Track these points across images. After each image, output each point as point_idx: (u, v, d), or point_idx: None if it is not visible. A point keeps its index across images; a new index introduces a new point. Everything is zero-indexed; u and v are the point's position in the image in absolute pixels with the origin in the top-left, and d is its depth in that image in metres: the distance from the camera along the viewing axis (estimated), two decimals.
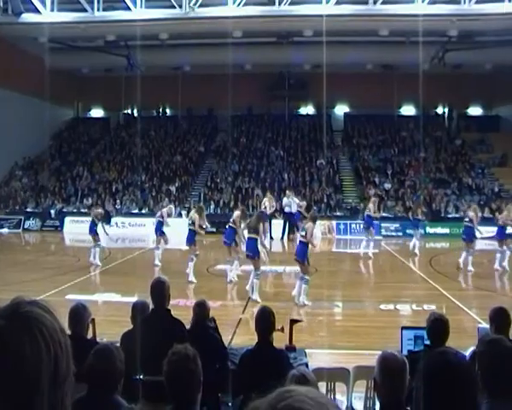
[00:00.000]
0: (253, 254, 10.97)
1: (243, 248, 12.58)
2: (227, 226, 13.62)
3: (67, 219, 25.82)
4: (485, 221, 19.83)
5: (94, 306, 10.50)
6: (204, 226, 13.68)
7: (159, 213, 16.07)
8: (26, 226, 25.84)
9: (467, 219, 14.98)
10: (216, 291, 12.04)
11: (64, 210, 26.79)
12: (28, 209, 26.97)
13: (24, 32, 24.52)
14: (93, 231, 15.53)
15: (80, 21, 22.96)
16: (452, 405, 1.95)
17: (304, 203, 22.05)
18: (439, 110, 34.59)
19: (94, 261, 15.21)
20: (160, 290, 4.88)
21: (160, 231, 15.40)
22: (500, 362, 2.36)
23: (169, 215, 16.02)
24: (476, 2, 21.32)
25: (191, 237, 13.26)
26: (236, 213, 13.41)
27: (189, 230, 13.33)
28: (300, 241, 10.93)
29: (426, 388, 1.98)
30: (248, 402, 0.91)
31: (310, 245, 10.81)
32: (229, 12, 21.74)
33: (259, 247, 11.30)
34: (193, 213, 13.66)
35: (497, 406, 2.30)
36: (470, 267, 14.39)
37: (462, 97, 32.54)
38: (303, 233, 10.87)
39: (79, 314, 4.48)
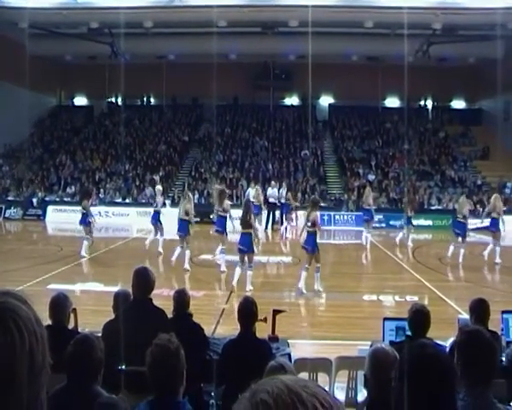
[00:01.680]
0: (248, 249, 10.91)
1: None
2: (217, 215, 13.51)
3: (50, 208, 25.56)
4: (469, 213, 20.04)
5: (76, 295, 10.43)
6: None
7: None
8: (6, 215, 25.52)
9: (460, 216, 14.95)
10: (200, 281, 12.03)
11: (46, 199, 26.51)
12: (9, 198, 26.63)
13: (4, 16, 24.08)
14: (85, 221, 15.36)
15: (63, 7, 22.64)
16: (431, 396, 1.97)
17: (289, 194, 22.13)
18: (423, 103, 34.79)
19: (82, 253, 15.09)
20: (142, 280, 4.84)
21: (157, 220, 15.38)
22: (478, 352, 2.38)
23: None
24: None
25: (186, 228, 13.18)
26: (226, 202, 13.35)
27: (183, 220, 13.19)
28: (308, 231, 10.90)
29: (405, 379, 1.99)
30: (232, 392, 0.90)
31: (318, 232, 10.83)
32: (214, 1, 21.61)
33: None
34: (185, 204, 13.48)
35: (473, 394, 2.33)
36: (461, 259, 14.53)
37: (446, 90, 32.77)
38: (309, 224, 10.86)
39: (60, 304, 4.43)
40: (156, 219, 15.56)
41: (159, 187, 17.00)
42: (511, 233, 22.64)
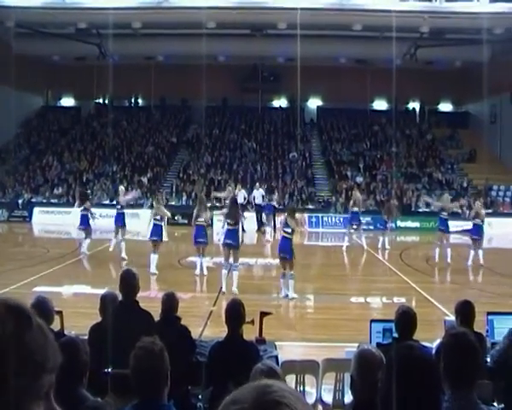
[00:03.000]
0: (236, 243, 10.89)
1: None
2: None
3: (36, 210, 25.34)
4: (455, 215, 20.17)
5: (63, 298, 10.36)
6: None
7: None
8: None
9: (444, 213, 15.13)
10: (187, 283, 11.99)
11: (33, 200, 26.28)
12: None
13: None
14: (86, 223, 15.24)
15: (50, 7, 22.46)
16: (416, 397, 1.98)
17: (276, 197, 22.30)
18: (411, 105, 35.01)
19: (83, 251, 15.07)
20: (128, 282, 4.83)
21: (123, 221, 15.25)
22: (462, 355, 2.40)
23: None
24: (447, 1, 21.65)
25: (160, 232, 13.03)
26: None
27: (158, 225, 13.01)
28: (284, 237, 10.82)
29: (391, 381, 2.00)
30: (219, 394, 0.90)
31: (293, 238, 10.82)
32: (203, 2, 21.59)
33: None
34: (160, 208, 13.33)
35: (458, 396, 2.34)
36: (448, 261, 14.62)
37: (433, 93, 33.03)
38: (288, 230, 10.78)
39: (42, 307, 4.40)
40: (121, 220, 15.34)
41: (122, 187, 16.89)
42: (498, 236, 22.91)
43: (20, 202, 26.07)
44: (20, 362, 1.00)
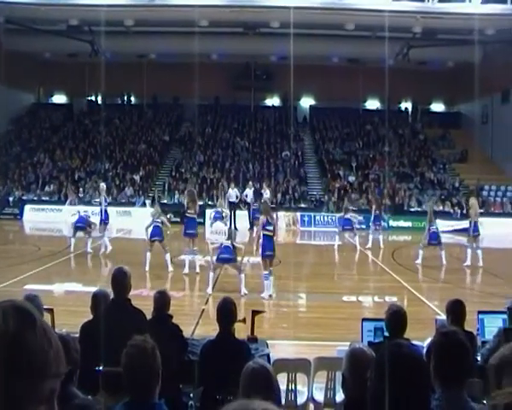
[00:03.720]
0: (234, 257, 10.87)
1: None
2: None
3: (27, 207, 25.21)
4: (446, 215, 20.33)
5: (54, 296, 10.31)
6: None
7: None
8: None
9: (433, 226, 15.07)
10: (179, 282, 11.97)
11: (24, 198, 26.13)
12: None
13: None
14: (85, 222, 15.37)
15: (41, 3, 22.31)
16: (405, 395, 1.98)
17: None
18: (403, 105, 35.13)
19: (89, 250, 15.22)
20: (120, 280, 4.81)
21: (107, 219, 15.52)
22: (452, 353, 2.41)
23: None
24: (440, 1, 21.73)
25: (161, 232, 13.14)
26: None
27: (158, 226, 13.14)
28: (267, 235, 10.80)
29: (380, 379, 2.00)
30: (210, 393, 0.91)
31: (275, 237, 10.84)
32: (196, 0, 21.55)
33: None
34: (161, 213, 13.47)
35: (448, 394, 2.35)
36: (443, 261, 14.67)
37: (425, 93, 33.16)
38: (270, 228, 10.77)
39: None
40: (106, 218, 15.58)
41: (102, 184, 16.92)
42: (489, 236, 23.05)
43: (10, 199, 25.92)
44: (19, 363, 0.99)
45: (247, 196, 23.28)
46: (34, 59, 32.34)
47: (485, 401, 3.76)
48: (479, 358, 4.73)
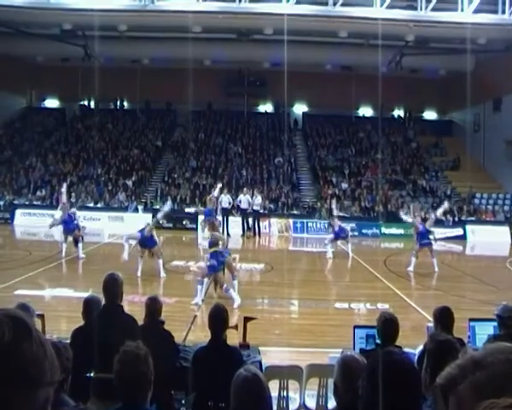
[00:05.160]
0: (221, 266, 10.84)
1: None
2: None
3: (18, 212, 25.05)
4: (438, 223, 20.31)
5: (45, 301, 10.25)
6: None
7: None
8: None
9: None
10: (171, 288, 11.93)
11: (15, 202, 25.99)
12: None
13: None
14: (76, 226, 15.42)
15: (34, 7, 22.23)
16: (396, 403, 1.98)
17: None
18: (396, 113, 35.33)
19: (81, 256, 15.22)
20: (112, 286, 4.79)
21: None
22: (447, 361, 2.41)
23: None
24: (432, 10, 21.89)
25: (153, 239, 13.09)
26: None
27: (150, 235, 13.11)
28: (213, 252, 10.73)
29: (371, 386, 2.01)
30: (202, 399, 0.90)
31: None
32: (189, 6, 21.57)
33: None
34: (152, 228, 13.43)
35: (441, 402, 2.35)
36: (435, 268, 14.73)
37: (418, 101, 33.38)
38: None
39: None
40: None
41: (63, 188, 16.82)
42: (480, 243, 23.19)
43: (1, 203, 25.77)
44: (15, 372, 0.99)
45: (240, 201, 23.30)
46: (27, 63, 32.23)
47: None
48: None
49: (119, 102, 35.35)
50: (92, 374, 4.15)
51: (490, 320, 5.61)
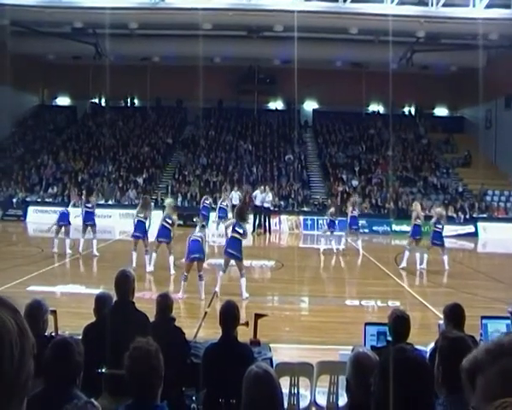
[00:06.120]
0: (240, 256, 10.82)
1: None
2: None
3: (31, 209, 25.26)
4: (449, 220, 20.26)
5: (57, 297, 10.33)
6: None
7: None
8: None
9: (439, 226, 14.93)
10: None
11: (27, 199, 26.20)
12: None
13: None
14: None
15: (46, 6, 22.38)
16: (409, 400, 1.98)
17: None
18: (407, 109, 35.13)
19: (95, 253, 15.37)
20: (124, 283, 4.81)
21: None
22: (460, 358, 2.40)
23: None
24: (443, 6, 21.73)
25: (169, 234, 13.11)
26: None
27: (166, 227, 13.10)
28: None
29: (384, 383, 2.00)
30: (213, 395, 0.89)
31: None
32: (199, 4, 21.59)
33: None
34: (172, 213, 13.42)
35: (453, 400, 2.35)
36: (446, 266, 14.61)
37: (429, 98, 33.16)
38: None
39: (34, 313, 4.38)
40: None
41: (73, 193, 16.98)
42: (492, 240, 23.04)
43: (14, 200, 25.98)
44: None
45: (255, 197, 23.20)
46: (39, 61, 32.46)
47: None
48: None
49: (129, 100, 35.48)
50: (104, 370, 4.18)
51: (502, 318, 5.57)
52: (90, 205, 15.88)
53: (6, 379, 0.99)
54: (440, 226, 14.81)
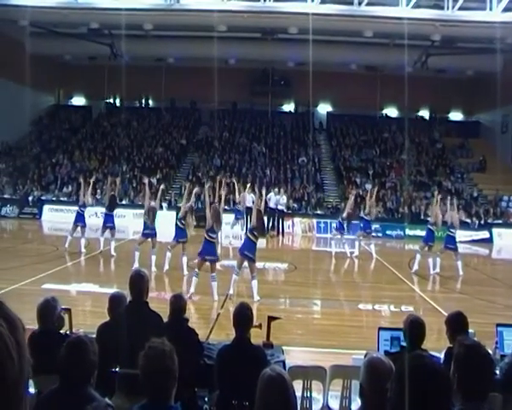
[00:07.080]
0: (254, 257, 10.83)
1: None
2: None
3: (46, 207, 25.52)
4: (464, 225, 20.14)
5: (71, 296, 10.40)
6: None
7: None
8: (2, 213, 25.44)
9: (452, 230, 14.81)
10: (196, 285, 11.97)
11: (43, 198, 26.45)
12: (5, 196, 26.55)
13: (4, 14, 23.99)
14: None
15: (63, 7, 22.60)
16: (426, 407, 1.97)
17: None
18: (421, 113, 34.92)
19: (113, 253, 15.47)
20: (138, 283, 4.84)
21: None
22: (476, 366, 2.39)
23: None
24: (459, 9, 21.57)
25: (186, 234, 13.21)
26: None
27: (180, 227, 13.22)
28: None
29: (401, 390, 1.99)
30: (226, 397, 0.89)
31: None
32: (214, 5, 21.65)
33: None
34: (187, 212, 13.50)
35: (469, 407, 2.32)
36: (460, 272, 14.47)
37: (444, 102, 32.92)
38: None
39: (47, 311, 4.43)
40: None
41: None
42: (507, 247, 22.80)
43: (30, 199, 26.24)
44: None
45: (270, 199, 23.16)
46: (55, 61, 32.79)
47: None
48: (497, 371, 4.66)
49: (144, 101, 35.68)
50: (118, 369, 4.20)
51: None
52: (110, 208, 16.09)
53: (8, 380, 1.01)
54: (453, 231, 14.70)
